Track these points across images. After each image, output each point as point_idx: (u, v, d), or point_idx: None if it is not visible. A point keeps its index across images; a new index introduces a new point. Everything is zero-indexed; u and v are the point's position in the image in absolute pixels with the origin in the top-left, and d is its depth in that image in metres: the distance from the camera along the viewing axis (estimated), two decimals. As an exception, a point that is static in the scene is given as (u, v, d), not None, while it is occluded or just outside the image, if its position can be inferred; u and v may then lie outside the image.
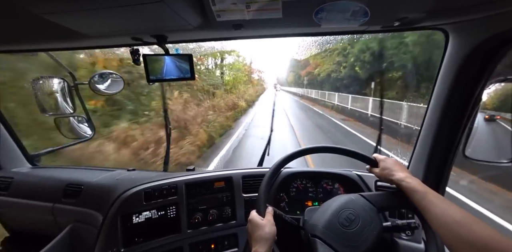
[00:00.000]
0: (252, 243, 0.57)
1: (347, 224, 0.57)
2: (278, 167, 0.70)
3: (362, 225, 0.57)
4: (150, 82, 0.83)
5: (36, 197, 1.10)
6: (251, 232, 0.59)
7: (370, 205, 0.62)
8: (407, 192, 0.57)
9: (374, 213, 0.60)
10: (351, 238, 0.55)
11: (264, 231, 0.57)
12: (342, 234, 0.56)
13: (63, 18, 0.60)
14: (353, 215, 0.59)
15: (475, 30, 0.65)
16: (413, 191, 0.56)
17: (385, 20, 0.67)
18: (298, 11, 0.61)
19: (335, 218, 0.58)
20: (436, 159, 0.85)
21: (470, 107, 0.74)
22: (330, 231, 0.56)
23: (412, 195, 0.56)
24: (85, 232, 1.02)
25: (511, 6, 0.53)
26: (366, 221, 0.58)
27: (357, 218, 0.58)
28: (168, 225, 0.88)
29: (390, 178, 0.62)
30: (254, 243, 0.56)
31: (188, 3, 0.56)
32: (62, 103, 1.41)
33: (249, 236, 0.60)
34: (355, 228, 0.57)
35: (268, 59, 79.86)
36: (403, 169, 0.64)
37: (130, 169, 1.22)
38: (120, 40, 0.88)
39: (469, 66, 0.70)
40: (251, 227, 0.60)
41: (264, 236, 0.56)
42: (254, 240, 0.57)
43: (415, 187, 0.56)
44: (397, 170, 0.63)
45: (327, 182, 1.01)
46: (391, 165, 0.65)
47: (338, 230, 0.56)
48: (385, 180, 0.66)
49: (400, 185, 0.59)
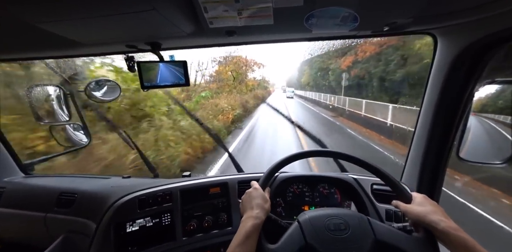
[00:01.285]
0: (249, 209, 0.58)
1: (333, 229, 0.56)
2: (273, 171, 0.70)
3: (353, 232, 0.55)
4: (145, 89, 0.83)
5: (28, 207, 1.07)
6: (252, 198, 0.61)
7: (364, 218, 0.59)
8: (457, 249, 0.47)
9: (366, 223, 0.58)
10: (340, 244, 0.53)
11: (266, 203, 0.60)
12: (330, 239, 0.54)
13: (58, 27, 0.60)
14: (343, 225, 0.56)
15: (462, 34, 0.67)
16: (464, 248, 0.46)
17: (375, 25, 0.69)
18: (289, 18, 0.62)
19: (321, 223, 0.57)
20: (430, 161, 0.85)
21: (461, 109, 0.75)
22: (318, 235, 0.56)
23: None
24: (78, 242, 0.99)
25: (494, 11, 0.54)
26: (356, 230, 0.55)
27: (347, 228, 0.56)
28: (163, 233, 0.86)
29: (428, 221, 0.51)
30: (255, 208, 0.57)
31: (180, 10, 0.57)
32: (57, 111, 1.41)
33: (248, 201, 0.61)
34: (344, 235, 0.55)
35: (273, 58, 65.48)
36: (445, 214, 0.53)
37: (125, 176, 1.20)
38: (114, 48, 0.88)
39: (458, 69, 0.71)
40: (256, 194, 0.62)
41: (263, 206, 0.58)
42: (256, 205, 0.58)
43: (475, 247, 0.45)
44: (441, 214, 0.52)
45: (324, 186, 1.01)
46: (432, 206, 0.55)
47: (326, 235, 0.55)
48: (416, 221, 0.54)
49: (448, 238, 0.48)
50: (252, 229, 0.52)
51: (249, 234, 0.52)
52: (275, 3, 0.55)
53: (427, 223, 0.51)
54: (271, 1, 0.54)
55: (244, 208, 0.60)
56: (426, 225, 0.52)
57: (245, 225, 0.53)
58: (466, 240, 0.46)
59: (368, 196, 0.92)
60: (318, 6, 0.57)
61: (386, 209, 0.88)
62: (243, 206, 0.61)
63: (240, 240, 0.51)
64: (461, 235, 0.47)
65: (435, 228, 0.50)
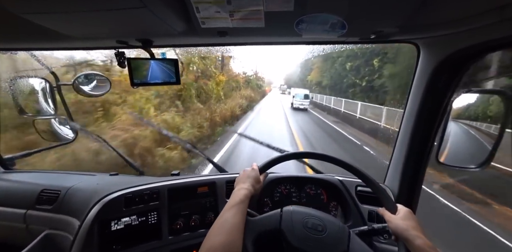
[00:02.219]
0: (242, 183, 0.64)
1: (309, 227, 0.58)
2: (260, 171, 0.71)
3: (327, 236, 0.56)
4: (134, 86, 0.82)
5: (7, 203, 1.03)
6: (248, 176, 0.66)
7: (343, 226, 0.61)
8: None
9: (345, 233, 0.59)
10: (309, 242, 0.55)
11: (259, 184, 0.66)
12: (301, 234, 0.56)
13: (43, 18, 0.59)
14: (320, 227, 0.58)
15: (443, 45, 0.71)
16: None
17: (362, 32, 0.72)
18: (279, 21, 0.64)
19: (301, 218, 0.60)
20: (411, 163, 0.89)
21: (440, 115, 0.79)
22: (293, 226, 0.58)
23: None
24: (60, 240, 0.97)
25: (472, 25, 0.58)
26: (331, 236, 0.57)
27: (324, 230, 0.58)
28: (149, 232, 0.86)
29: (406, 235, 0.55)
30: (248, 182, 0.63)
31: (172, 9, 0.57)
32: (42, 104, 1.36)
33: (244, 177, 0.67)
34: (319, 235, 0.56)
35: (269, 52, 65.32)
36: (423, 232, 0.56)
37: (112, 174, 1.18)
38: (104, 43, 0.87)
39: (438, 77, 0.75)
40: (252, 173, 0.67)
41: (255, 185, 0.64)
42: (248, 182, 0.64)
43: None
44: (419, 231, 0.55)
45: (311, 187, 1.03)
46: (413, 222, 0.58)
47: (299, 230, 0.57)
48: (396, 232, 0.58)
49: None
50: (244, 197, 0.58)
51: (241, 199, 0.57)
52: (266, 7, 0.56)
53: (405, 237, 0.55)
54: (263, 5, 0.56)
55: (237, 182, 0.66)
56: (403, 238, 0.55)
57: (238, 193, 0.59)
58: None
59: (352, 197, 0.95)
60: (308, 12, 0.59)
61: (369, 210, 0.91)
62: (237, 181, 0.67)
63: (235, 202, 0.56)
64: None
65: (412, 243, 0.53)
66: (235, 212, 0.53)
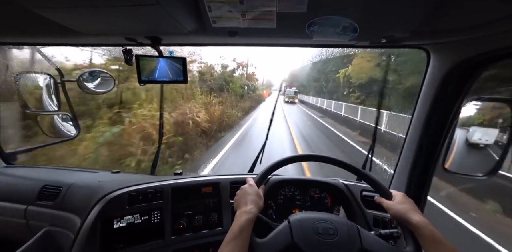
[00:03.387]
0: (243, 204, 0.60)
1: (321, 232, 0.57)
2: (265, 173, 0.71)
3: (340, 238, 0.56)
4: (141, 83, 0.82)
5: (7, 198, 1.03)
6: (247, 194, 0.62)
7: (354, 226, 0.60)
8: (427, 241, 0.53)
9: (355, 231, 0.59)
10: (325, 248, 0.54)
11: (260, 200, 0.62)
12: (316, 241, 0.56)
13: (55, 14, 0.59)
14: (331, 230, 0.58)
15: (454, 52, 0.70)
16: (437, 244, 0.52)
17: (373, 37, 0.71)
18: (291, 23, 0.63)
19: (310, 225, 0.59)
20: (418, 170, 0.88)
21: (449, 122, 0.78)
22: (305, 236, 0.57)
23: (434, 247, 0.52)
24: (60, 237, 0.96)
25: (484, 32, 0.58)
26: (344, 237, 0.57)
27: (335, 233, 0.57)
28: (151, 231, 0.85)
29: (405, 217, 0.58)
30: (249, 204, 0.59)
31: (184, 7, 0.57)
32: (46, 100, 1.36)
33: (242, 196, 0.62)
34: (331, 240, 0.56)
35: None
36: (419, 211, 0.60)
37: (114, 171, 1.17)
38: (113, 40, 0.87)
39: (447, 84, 0.74)
40: (250, 190, 0.63)
41: (258, 203, 0.61)
42: (250, 201, 0.60)
43: (443, 241, 0.51)
44: (415, 211, 0.59)
45: (315, 190, 1.02)
46: (409, 204, 0.62)
47: (313, 237, 0.56)
48: (396, 216, 0.61)
49: (420, 231, 0.55)
50: (246, 223, 0.54)
51: (243, 228, 0.53)
52: (279, 8, 0.56)
53: (405, 219, 0.59)
54: (275, 6, 0.55)
55: (237, 203, 0.62)
56: (403, 221, 0.59)
57: (239, 220, 0.55)
58: (434, 233, 0.54)
59: (357, 202, 0.93)
60: (320, 14, 0.59)
61: (374, 215, 0.90)
62: (237, 201, 0.63)
63: (235, 234, 0.52)
64: (430, 229, 0.54)
65: (410, 222, 0.57)
66: (233, 247, 0.50)
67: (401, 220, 0.60)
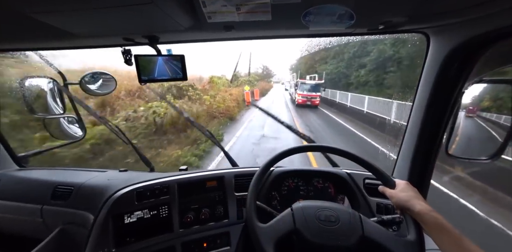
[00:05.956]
0: None
1: (323, 220, 0.59)
2: (268, 165, 0.72)
3: (342, 225, 0.58)
4: (142, 83, 0.83)
5: (23, 199, 1.07)
6: None
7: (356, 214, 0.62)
8: (431, 228, 0.53)
9: (357, 219, 0.60)
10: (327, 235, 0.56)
11: None
12: (318, 228, 0.57)
13: (52, 18, 0.60)
14: (333, 218, 0.59)
15: (454, 34, 0.69)
16: (442, 230, 0.51)
17: (370, 23, 0.70)
18: (286, 14, 0.63)
19: (313, 212, 0.60)
20: (420, 156, 0.88)
21: (450, 106, 0.78)
22: (307, 223, 0.58)
23: (438, 234, 0.51)
24: (75, 233, 1.01)
25: (484, 12, 0.56)
26: (345, 224, 0.58)
27: (337, 221, 0.59)
28: (160, 225, 0.88)
29: (408, 205, 0.58)
30: None
31: (179, 4, 0.57)
32: (51, 104, 1.39)
33: None
34: (332, 227, 0.57)
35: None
36: (422, 198, 0.60)
37: (122, 170, 1.21)
38: (111, 40, 0.88)
39: (448, 68, 0.73)
40: None
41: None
42: None
43: (447, 227, 0.51)
44: (418, 198, 0.59)
45: (318, 180, 1.04)
46: (412, 192, 0.61)
47: (315, 224, 0.58)
48: (399, 204, 0.61)
49: (423, 218, 0.55)
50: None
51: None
52: (273, 0, 0.56)
53: (407, 207, 0.59)
54: (269, -3, 0.55)
55: None
56: (406, 209, 0.59)
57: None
58: (437, 219, 0.53)
59: (360, 190, 0.95)
60: (315, 3, 0.58)
61: (377, 202, 0.91)
62: None
63: None
64: (434, 215, 0.54)
65: (413, 210, 0.57)
66: None
67: (404, 208, 0.60)
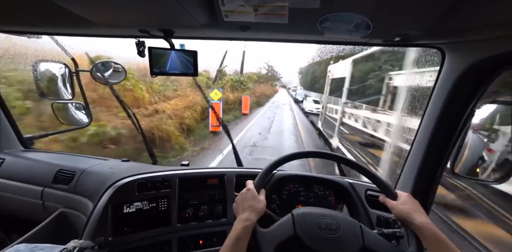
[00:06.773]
0: (242, 210, 0.59)
1: (324, 228, 0.58)
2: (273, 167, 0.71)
3: (342, 234, 0.57)
4: (153, 75, 0.84)
5: (26, 180, 1.09)
6: (245, 200, 0.61)
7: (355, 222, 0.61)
8: (430, 242, 0.53)
9: (357, 229, 0.59)
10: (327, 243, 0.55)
11: (259, 204, 0.60)
12: (318, 236, 0.57)
13: (71, 2, 0.60)
14: (334, 226, 0.58)
15: (470, 52, 0.68)
16: (439, 244, 0.52)
17: (387, 34, 0.70)
18: (303, 19, 0.63)
19: (314, 220, 0.59)
20: (425, 172, 0.87)
21: (461, 125, 0.76)
22: (308, 230, 0.57)
23: (437, 249, 0.52)
24: (73, 218, 1.02)
25: (503, 31, 0.55)
26: (346, 233, 0.57)
27: (338, 229, 0.58)
28: (158, 217, 0.89)
29: (408, 218, 0.58)
30: (246, 210, 0.58)
31: (198, 0, 0.58)
32: (61, 89, 1.41)
33: (240, 202, 0.61)
34: (333, 235, 0.57)
35: None
36: (424, 212, 0.59)
37: (124, 160, 1.22)
38: (127, 31, 0.88)
39: (462, 85, 0.72)
40: (248, 195, 0.62)
41: (257, 209, 0.59)
42: (248, 207, 0.59)
43: (445, 242, 0.51)
44: (420, 212, 0.59)
45: (319, 187, 1.03)
46: (414, 204, 0.61)
47: (315, 232, 0.57)
48: (399, 216, 0.60)
49: (422, 232, 0.55)
50: (243, 231, 0.54)
51: (240, 237, 0.53)
52: (291, 3, 0.55)
53: (408, 220, 0.58)
54: (288, 1, 0.55)
55: (236, 209, 0.61)
56: (407, 222, 0.59)
57: (236, 228, 0.55)
58: (438, 234, 0.53)
59: (361, 201, 0.93)
60: (333, 10, 0.58)
61: (378, 215, 0.89)
62: (235, 207, 0.62)
63: (232, 242, 0.52)
64: (434, 230, 0.54)
65: (413, 223, 0.57)
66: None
67: (405, 220, 0.59)
